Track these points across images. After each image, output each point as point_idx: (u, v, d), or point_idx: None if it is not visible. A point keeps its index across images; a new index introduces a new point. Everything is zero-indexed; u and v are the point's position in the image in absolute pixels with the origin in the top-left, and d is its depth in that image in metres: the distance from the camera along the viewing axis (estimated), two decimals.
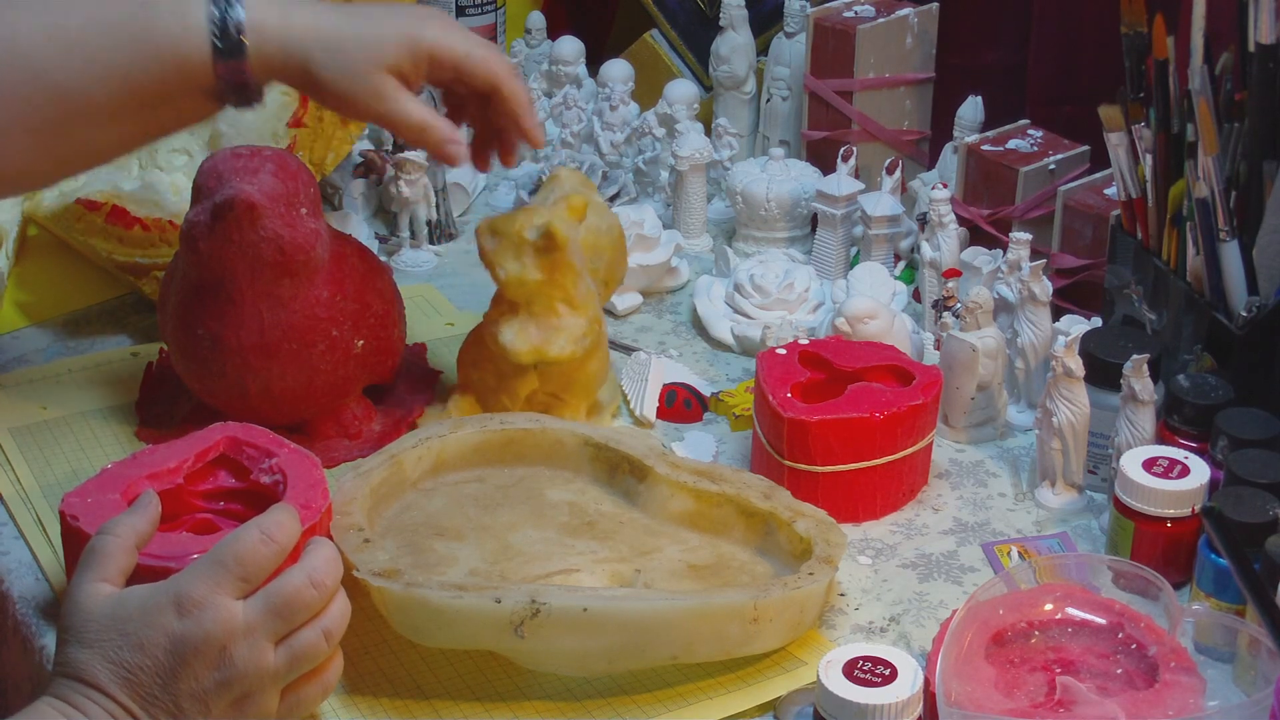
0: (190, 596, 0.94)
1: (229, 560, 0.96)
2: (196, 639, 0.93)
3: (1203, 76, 1.20)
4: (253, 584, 0.96)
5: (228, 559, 0.96)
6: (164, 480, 1.10)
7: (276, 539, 0.97)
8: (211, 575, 0.95)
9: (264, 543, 0.97)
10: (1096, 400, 1.23)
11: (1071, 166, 1.48)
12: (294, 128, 1.46)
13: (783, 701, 1.06)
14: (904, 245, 1.55)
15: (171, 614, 0.94)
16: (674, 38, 1.84)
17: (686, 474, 1.17)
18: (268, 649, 0.95)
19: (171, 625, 0.94)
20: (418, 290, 1.53)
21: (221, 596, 0.95)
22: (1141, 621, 1.04)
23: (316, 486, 1.09)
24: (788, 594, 1.06)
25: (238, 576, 0.96)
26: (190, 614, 0.94)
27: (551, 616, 1.02)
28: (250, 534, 0.97)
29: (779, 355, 1.28)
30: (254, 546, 0.97)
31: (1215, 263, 1.23)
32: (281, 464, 1.11)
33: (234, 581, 0.95)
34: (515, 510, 1.16)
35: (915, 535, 1.23)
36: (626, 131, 1.68)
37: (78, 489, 1.09)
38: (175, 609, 0.94)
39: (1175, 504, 1.14)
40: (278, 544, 0.97)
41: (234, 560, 0.96)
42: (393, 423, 1.32)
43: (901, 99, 1.64)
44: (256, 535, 0.97)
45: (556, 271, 1.24)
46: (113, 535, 0.99)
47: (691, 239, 1.61)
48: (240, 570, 0.96)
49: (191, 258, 1.23)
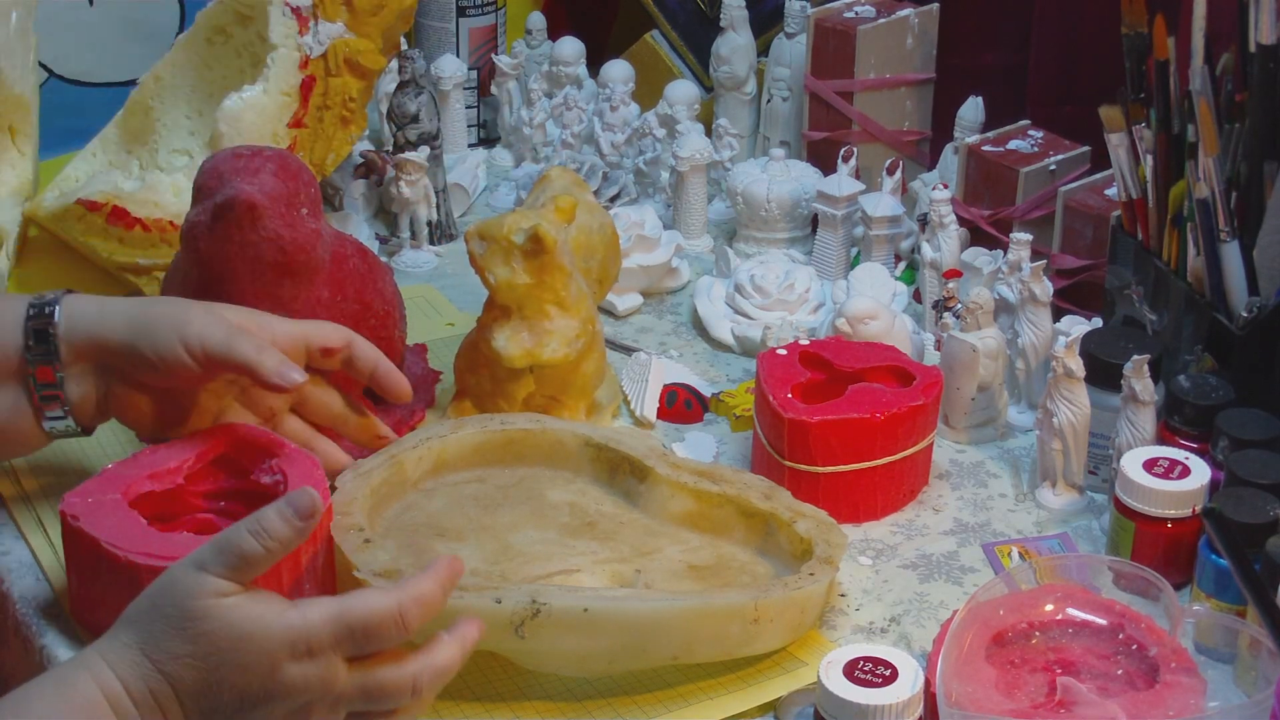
0: (308, 644, 0.92)
1: (358, 626, 0.93)
2: (295, 684, 0.92)
3: (1203, 77, 1.20)
4: (365, 653, 0.94)
5: (357, 625, 0.93)
6: (164, 480, 1.10)
7: (409, 625, 0.94)
8: (336, 632, 0.93)
9: (396, 625, 0.94)
10: (1097, 401, 1.23)
11: (1072, 167, 1.48)
12: (294, 128, 1.46)
13: (783, 702, 1.06)
14: (904, 246, 1.55)
15: (285, 652, 0.92)
16: (674, 38, 1.84)
17: (687, 474, 1.17)
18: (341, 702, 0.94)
19: (281, 661, 0.92)
20: (418, 291, 1.53)
21: (337, 658, 0.93)
22: (1142, 622, 1.04)
23: (317, 487, 1.09)
24: (788, 594, 1.06)
25: (357, 644, 0.93)
26: (301, 661, 0.92)
27: (552, 617, 1.02)
28: (388, 609, 0.94)
29: (779, 356, 1.28)
30: (387, 624, 0.93)
31: (1216, 263, 1.23)
32: (282, 464, 1.11)
33: (353, 648, 0.93)
34: (516, 510, 1.16)
35: (916, 536, 1.23)
36: (627, 132, 1.68)
37: (78, 489, 1.09)
38: (290, 650, 0.92)
39: (1176, 504, 1.14)
40: (407, 629, 0.94)
41: (362, 629, 0.93)
42: (393, 424, 1.32)
43: (902, 99, 1.64)
44: (394, 614, 0.94)
45: (546, 274, 1.24)
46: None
47: (692, 239, 1.61)
48: (366, 643, 0.93)
49: (192, 258, 1.23)
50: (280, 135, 1.45)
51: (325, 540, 1.09)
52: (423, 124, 1.57)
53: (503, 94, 1.76)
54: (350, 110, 1.48)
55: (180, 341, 1.10)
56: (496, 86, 1.76)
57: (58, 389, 1.14)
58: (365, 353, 1.18)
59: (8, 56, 1.50)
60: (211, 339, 1.10)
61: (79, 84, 1.75)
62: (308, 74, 1.46)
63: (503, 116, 1.78)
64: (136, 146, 1.55)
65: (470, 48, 1.77)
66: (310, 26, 1.46)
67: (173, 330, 1.11)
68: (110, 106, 1.57)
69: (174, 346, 1.10)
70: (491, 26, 1.78)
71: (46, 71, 1.71)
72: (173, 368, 1.11)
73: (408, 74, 1.57)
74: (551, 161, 1.69)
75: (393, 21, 1.49)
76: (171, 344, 1.10)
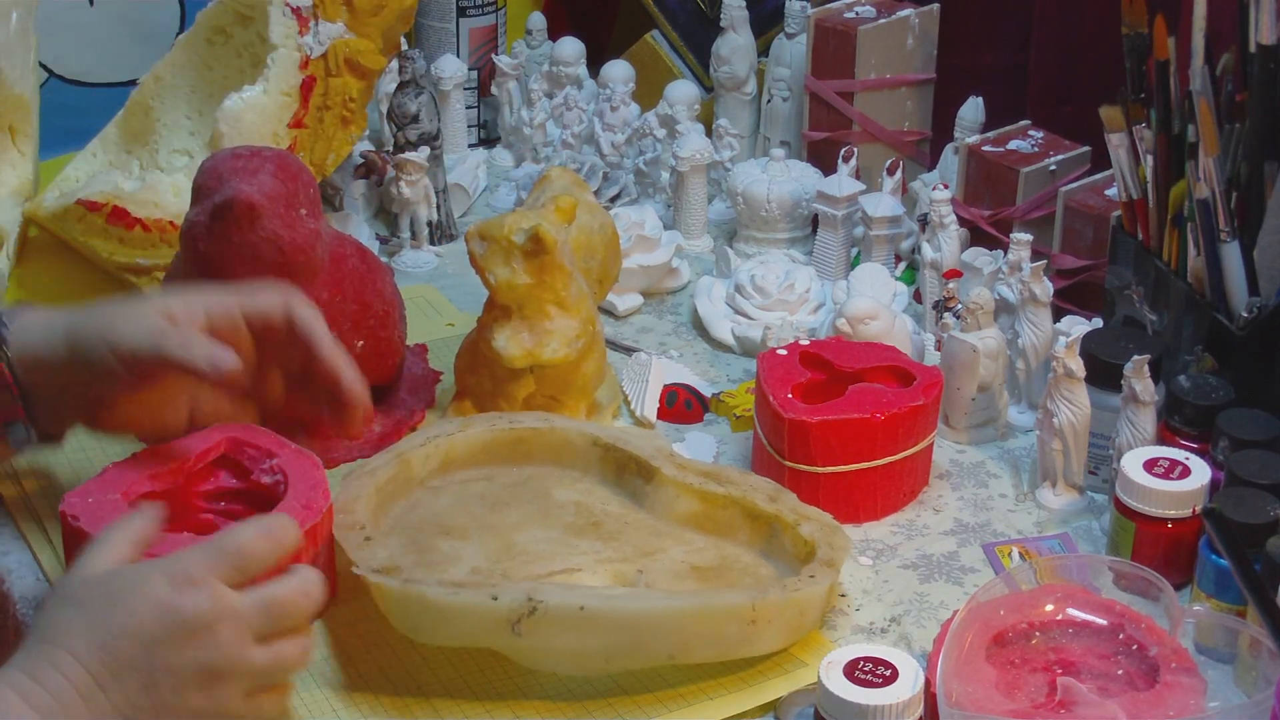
0: (186, 573, 0.94)
1: (229, 547, 0.95)
2: (187, 612, 0.92)
3: (1203, 77, 1.20)
4: (246, 576, 0.96)
5: (227, 545, 0.96)
6: (165, 481, 1.10)
7: (277, 537, 0.97)
8: (207, 557, 0.95)
9: (265, 538, 0.97)
10: (1097, 401, 1.23)
11: (1072, 167, 1.48)
12: (294, 128, 1.46)
13: (784, 702, 1.06)
14: (905, 246, 1.55)
15: (163, 583, 0.93)
16: (675, 38, 1.84)
17: (693, 475, 1.17)
18: (252, 644, 0.95)
19: (164, 594, 0.92)
20: (418, 291, 1.53)
21: (216, 580, 0.94)
22: (1142, 622, 1.04)
23: (318, 486, 1.09)
24: (787, 596, 1.06)
25: (234, 565, 0.95)
26: (184, 590, 0.93)
27: (548, 615, 1.02)
28: (251, 528, 0.97)
29: (780, 356, 1.28)
30: (255, 540, 0.96)
31: (1216, 263, 1.22)
32: (282, 464, 1.11)
33: (230, 569, 0.95)
34: (521, 509, 1.16)
35: (916, 536, 1.23)
36: (627, 132, 1.68)
37: (78, 489, 1.09)
38: (168, 580, 0.93)
39: (1176, 505, 1.14)
40: (277, 541, 0.97)
41: (234, 549, 0.95)
42: (394, 424, 1.32)
43: (902, 100, 1.64)
44: (258, 530, 0.97)
45: (546, 274, 1.24)
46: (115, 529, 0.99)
47: (692, 240, 1.61)
48: (239, 560, 0.95)
49: (191, 258, 1.23)
50: (280, 135, 1.45)
51: (326, 539, 1.09)
52: (423, 124, 1.57)
53: (503, 94, 1.76)
54: (350, 110, 1.48)
55: (110, 350, 1.08)
56: (497, 87, 1.77)
57: (16, 404, 1.12)
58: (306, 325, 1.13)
59: (8, 57, 1.50)
60: (138, 344, 1.08)
61: (79, 84, 1.75)
62: (308, 74, 1.46)
63: (503, 117, 1.78)
64: (137, 147, 1.56)
65: (470, 48, 1.77)
66: (310, 27, 1.46)
67: (100, 340, 1.09)
68: (110, 107, 1.58)
69: (106, 357, 1.08)
70: (492, 27, 1.78)
71: (47, 71, 1.71)
72: (113, 376, 1.09)
73: (408, 74, 1.57)
74: (552, 162, 1.69)
75: (393, 22, 1.49)
76: (103, 355, 1.09)
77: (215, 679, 0.93)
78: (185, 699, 0.92)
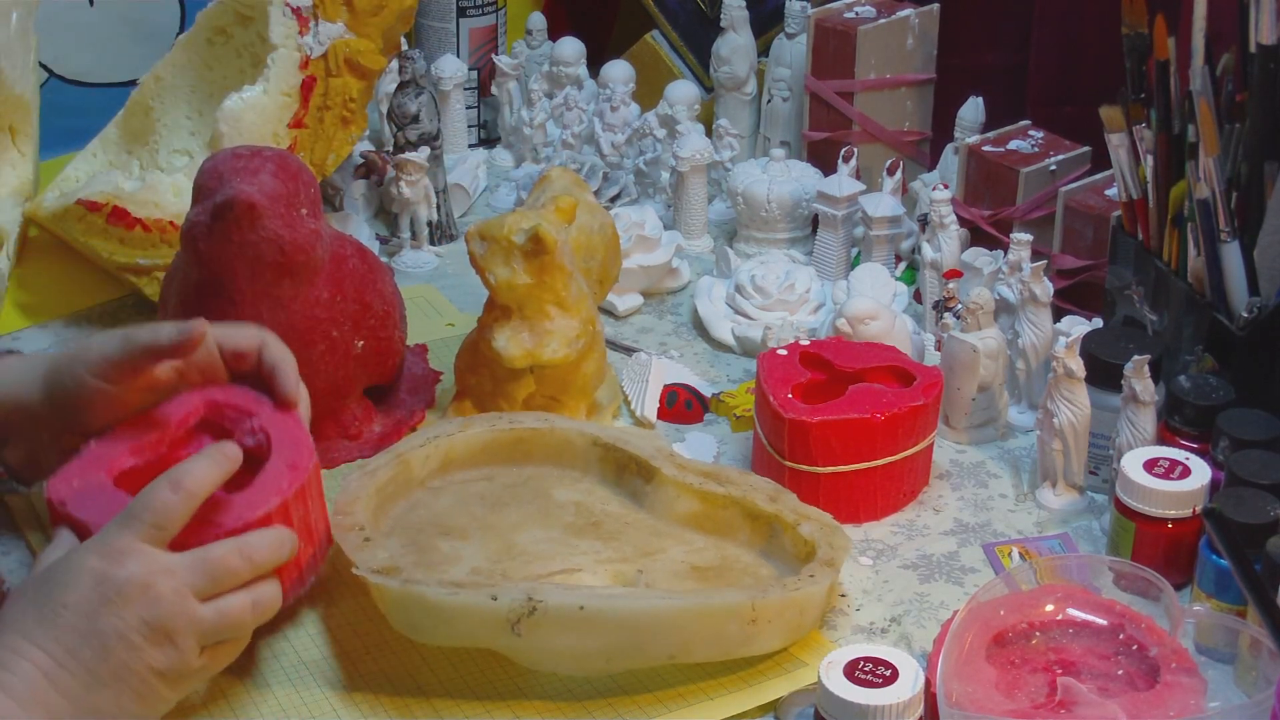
0: (108, 544, 0.97)
1: (138, 510, 0.98)
2: (119, 578, 0.96)
3: (1204, 77, 1.20)
4: (167, 531, 0.98)
5: (139, 510, 0.98)
6: (147, 453, 1.09)
7: (184, 486, 0.99)
8: (126, 526, 0.98)
9: (173, 489, 0.99)
10: (1097, 401, 1.23)
11: (1072, 167, 1.48)
12: (295, 128, 1.46)
13: (784, 702, 1.06)
14: (905, 246, 1.55)
15: (93, 557, 0.97)
16: (675, 39, 1.84)
17: (693, 475, 1.17)
18: (192, 598, 0.97)
19: (94, 564, 0.96)
20: (419, 291, 1.53)
21: (137, 543, 0.97)
22: (1142, 622, 1.04)
23: (301, 444, 1.08)
24: (786, 595, 1.06)
25: (149, 524, 0.98)
26: (113, 559, 0.96)
27: (548, 614, 1.02)
28: (159, 485, 0.99)
29: (780, 356, 1.28)
30: (162, 495, 0.99)
31: (1216, 263, 1.22)
32: (263, 424, 1.09)
33: (147, 528, 0.97)
34: (522, 509, 1.16)
35: (916, 536, 1.23)
36: (627, 132, 1.68)
37: (61, 473, 1.07)
38: (97, 554, 0.97)
39: (1176, 505, 1.14)
40: (185, 490, 0.99)
41: (144, 509, 0.98)
42: (393, 424, 1.32)
43: (902, 100, 1.64)
44: (165, 484, 0.99)
45: (546, 274, 1.24)
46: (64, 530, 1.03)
47: (692, 240, 1.61)
48: (151, 517, 0.98)
49: (192, 258, 1.23)
50: (280, 135, 1.45)
51: (317, 496, 1.08)
52: (423, 124, 1.57)
53: (503, 94, 1.76)
54: (350, 110, 1.48)
55: (86, 370, 1.10)
56: (497, 87, 1.77)
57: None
58: (271, 354, 1.13)
59: (8, 57, 1.50)
60: (110, 350, 1.10)
61: (79, 84, 1.75)
62: (308, 74, 1.46)
63: (503, 117, 1.78)
64: (137, 147, 1.56)
65: (470, 48, 1.77)
66: (310, 27, 1.46)
67: (75, 366, 1.11)
68: (110, 107, 1.58)
69: (83, 380, 1.10)
70: (492, 27, 1.78)
71: (47, 72, 1.71)
72: (93, 400, 1.10)
73: (408, 74, 1.57)
74: (552, 162, 1.69)
75: (393, 22, 1.49)
76: (80, 379, 1.10)
77: (164, 636, 0.96)
78: (141, 658, 0.96)
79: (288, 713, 1.05)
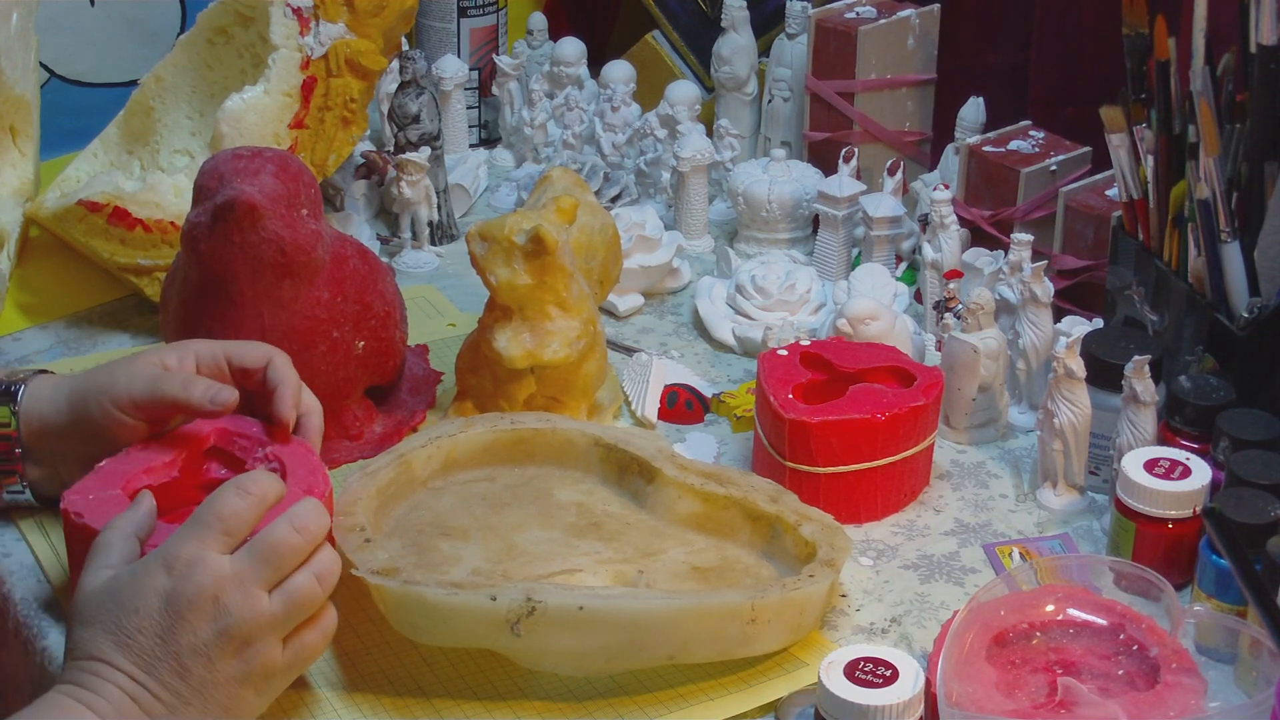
0: (177, 556, 0.97)
1: (208, 518, 0.98)
2: (188, 593, 0.96)
3: (1204, 77, 1.20)
4: (235, 538, 0.98)
5: (207, 517, 0.99)
6: (160, 474, 1.11)
7: (253, 492, 1.00)
8: (194, 534, 0.98)
9: (240, 496, 0.99)
10: (1098, 401, 1.23)
11: (1073, 168, 1.48)
12: (295, 129, 1.46)
13: (784, 703, 1.06)
14: (905, 246, 1.55)
15: (161, 574, 0.96)
16: (675, 39, 1.84)
17: (694, 476, 1.17)
18: (261, 596, 0.97)
19: (161, 583, 0.96)
20: (419, 291, 1.53)
21: (207, 551, 0.97)
22: (1143, 623, 1.04)
23: (315, 470, 1.09)
24: (786, 595, 1.06)
25: (220, 531, 0.98)
26: (178, 571, 0.96)
27: (547, 615, 1.02)
28: (228, 491, 1.00)
29: (780, 356, 1.28)
30: (232, 501, 0.99)
31: (1217, 264, 1.22)
32: (276, 452, 1.11)
33: (217, 536, 0.98)
34: (523, 510, 1.16)
35: (917, 536, 1.23)
36: (628, 133, 1.68)
37: (76, 487, 1.09)
38: (164, 570, 0.97)
39: (1176, 505, 1.14)
40: (254, 496, 1.00)
41: (214, 517, 0.98)
42: (394, 425, 1.32)
43: (903, 100, 1.64)
44: (234, 491, 1.00)
45: (547, 275, 1.24)
46: (112, 529, 1.02)
47: (693, 240, 1.61)
48: (221, 525, 0.98)
49: (192, 259, 1.23)
50: (281, 136, 1.45)
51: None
52: (424, 124, 1.58)
53: (504, 94, 1.76)
54: (351, 111, 1.48)
55: (112, 405, 1.13)
56: (498, 87, 1.77)
57: (16, 463, 1.17)
58: (276, 374, 1.15)
59: (9, 57, 1.50)
60: (137, 391, 1.12)
61: (80, 84, 1.75)
62: (309, 75, 1.46)
63: (504, 117, 1.78)
64: (138, 147, 1.56)
65: (471, 48, 1.77)
66: (311, 27, 1.46)
67: (102, 397, 1.13)
68: (111, 107, 1.58)
69: (108, 412, 1.13)
70: (492, 27, 1.78)
71: (48, 72, 1.71)
72: (117, 431, 1.13)
73: (409, 74, 1.57)
74: (553, 162, 1.69)
75: (394, 22, 1.49)
76: (105, 410, 1.13)
77: (241, 643, 0.97)
78: (220, 670, 0.96)
79: (288, 713, 1.05)
